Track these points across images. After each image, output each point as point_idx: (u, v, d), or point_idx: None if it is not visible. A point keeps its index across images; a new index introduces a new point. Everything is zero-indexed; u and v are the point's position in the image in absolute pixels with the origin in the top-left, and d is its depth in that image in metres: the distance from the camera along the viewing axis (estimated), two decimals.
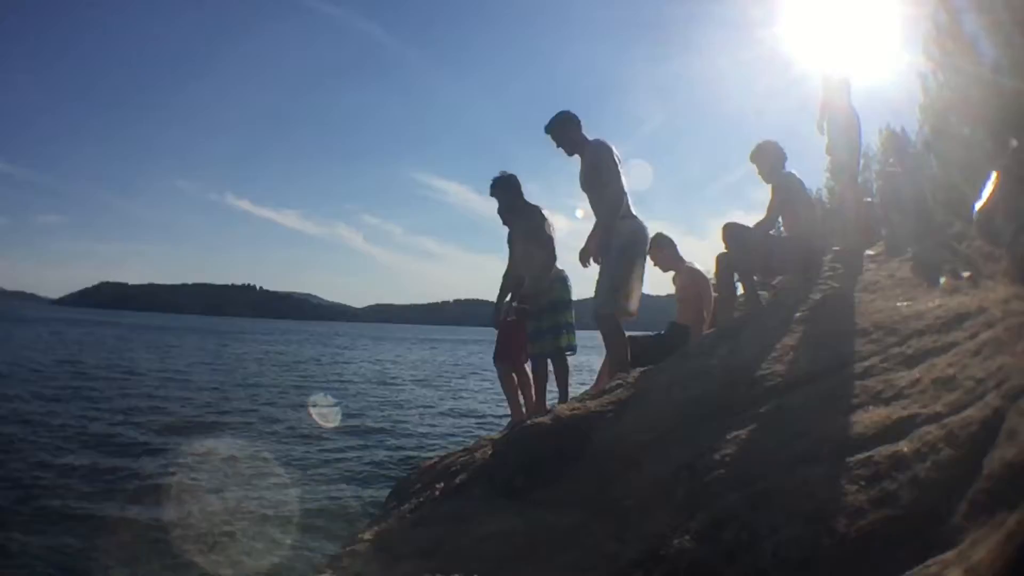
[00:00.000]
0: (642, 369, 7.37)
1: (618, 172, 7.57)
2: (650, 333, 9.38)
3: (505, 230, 9.22)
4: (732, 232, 8.05)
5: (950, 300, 4.39)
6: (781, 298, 7.76)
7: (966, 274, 4.63)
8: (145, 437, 28.16)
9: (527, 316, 8.80)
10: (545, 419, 6.68)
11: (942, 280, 4.94)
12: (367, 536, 7.42)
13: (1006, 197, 3.75)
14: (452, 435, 35.60)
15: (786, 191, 8.07)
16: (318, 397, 45.21)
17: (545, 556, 4.69)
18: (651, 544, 3.65)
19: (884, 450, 2.86)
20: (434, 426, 38.53)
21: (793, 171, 8.21)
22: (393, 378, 65.77)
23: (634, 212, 7.75)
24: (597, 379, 8.96)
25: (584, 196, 7.95)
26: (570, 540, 4.74)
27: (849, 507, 2.69)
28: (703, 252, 9.71)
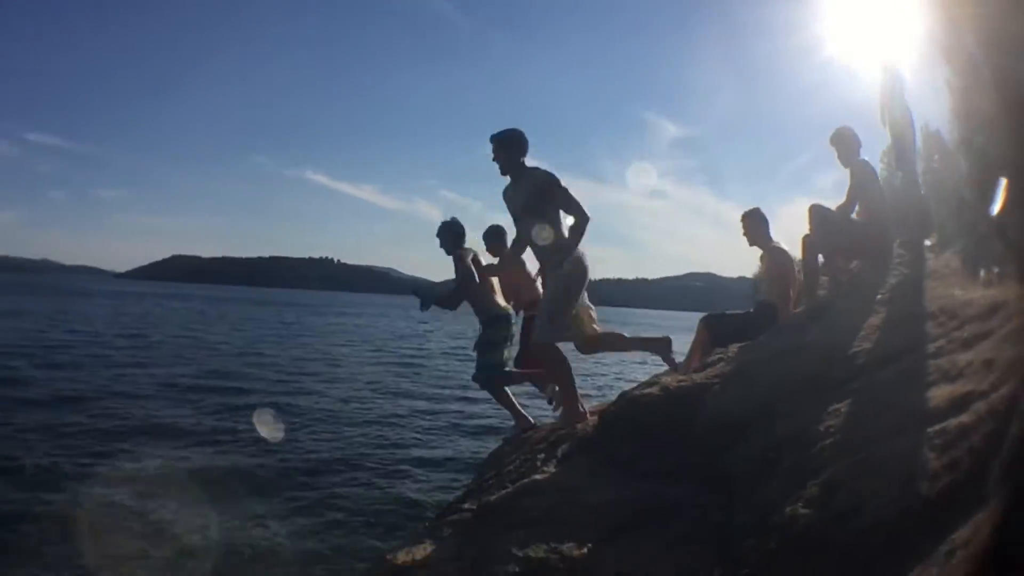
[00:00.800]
0: (740, 345, 7.58)
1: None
2: (739, 312, 9.65)
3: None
4: (817, 214, 8.31)
5: (988, 292, 4.66)
6: (860, 281, 8.03)
7: (996, 270, 4.83)
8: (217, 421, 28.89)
9: None
10: (653, 390, 6.80)
11: (982, 273, 5.15)
12: (468, 506, 7.77)
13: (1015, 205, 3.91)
14: (533, 407, 35.95)
15: (862, 176, 8.27)
16: (401, 372, 46.19)
17: (656, 526, 4.94)
18: (762, 513, 3.89)
19: (952, 422, 3.15)
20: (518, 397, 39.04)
21: (866, 158, 8.35)
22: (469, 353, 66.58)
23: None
24: (689, 357, 9.11)
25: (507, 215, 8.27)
26: (680, 511, 4.99)
27: (930, 472, 2.99)
28: (774, 236, 9.76)
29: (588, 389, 42.19)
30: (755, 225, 9.38)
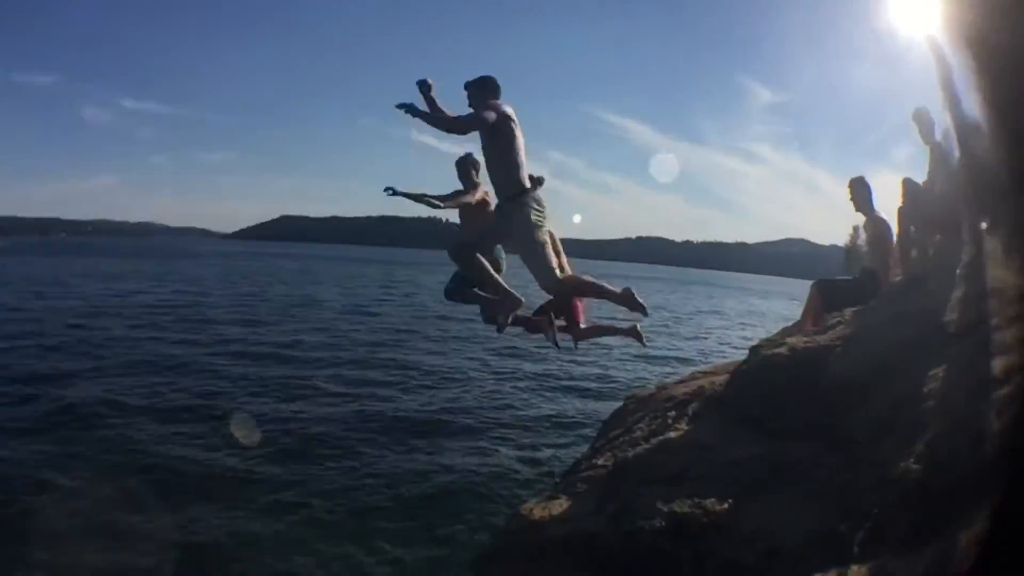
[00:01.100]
0: (854, 310, 8.07)
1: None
2: (847, 278, 9.89)
3: None
4: (909, 188, 8.63)
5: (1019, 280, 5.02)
6: (944, 255, 8.27)
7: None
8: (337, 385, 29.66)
9: None
10: (782, 350, 7.19)
11: (1018, 259, 5.57)
12: (601, 462, 8.32)
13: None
14: (638, 371, 36.42)
15: (940, 156, 8.49)
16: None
17: (786, 484, 5.43)
18: (880, 471, 4.38)
19: (1003, 392, 3.63)
20: (626, 359, 39.23)
21: (940, 140, 8.59)
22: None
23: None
24: (803, 319, 9.69)
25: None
26: (807, 469, 5.48)
27: (997, 430, 3.49)
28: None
29: (691, 352, 42.38)
30: (861, 192, 9.40)
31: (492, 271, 7.65)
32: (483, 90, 7.07)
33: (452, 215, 8.26)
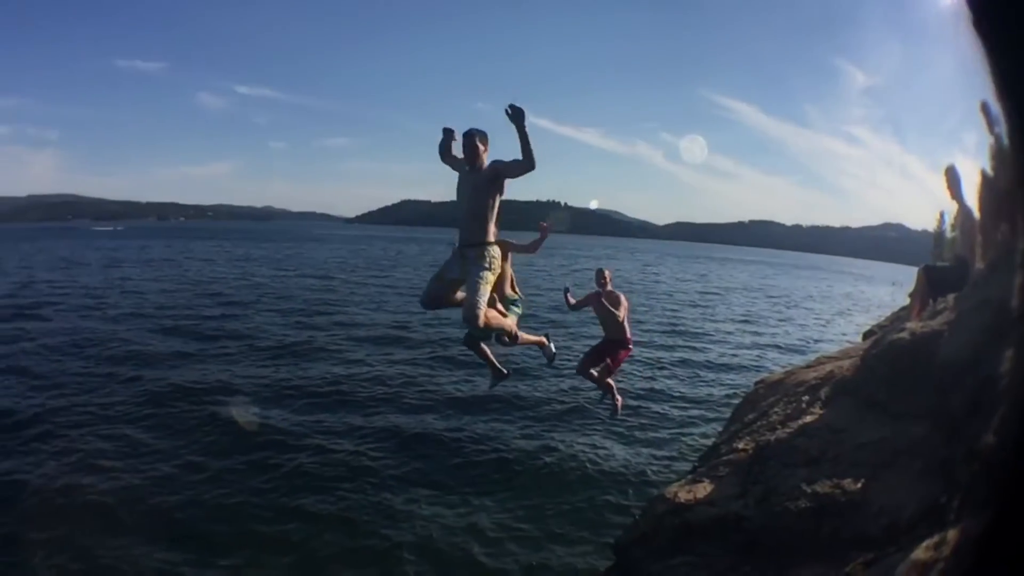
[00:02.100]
0: (955, 295, 8.53)
1: None
2: (946, 264, 10.43)
3: None
4: (986, 178, 9.23)
5: None
6: (1012, 245, 8.81)
7: None
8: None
9: None
10: (904, 335, 7.69)
11: None
12: (741, 445, 8.86)
13: None
14: (759, 358, 36.75)
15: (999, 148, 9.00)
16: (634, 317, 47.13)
17: (906, 463, 6.08)
18: (970, 444, 4.75)
19: None
20: (745, 345, 39.51)
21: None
22: (705, 294, 66.79)
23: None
24: (912, 304, 10.31)
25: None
26: (919, 448, 6.11)
27: None
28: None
29: (805, 338, 42.40)
30: (955, 181, 9.57)
31: (488, 352, 9.83)
32: (481, 142, 8.18)
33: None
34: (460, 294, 8.47)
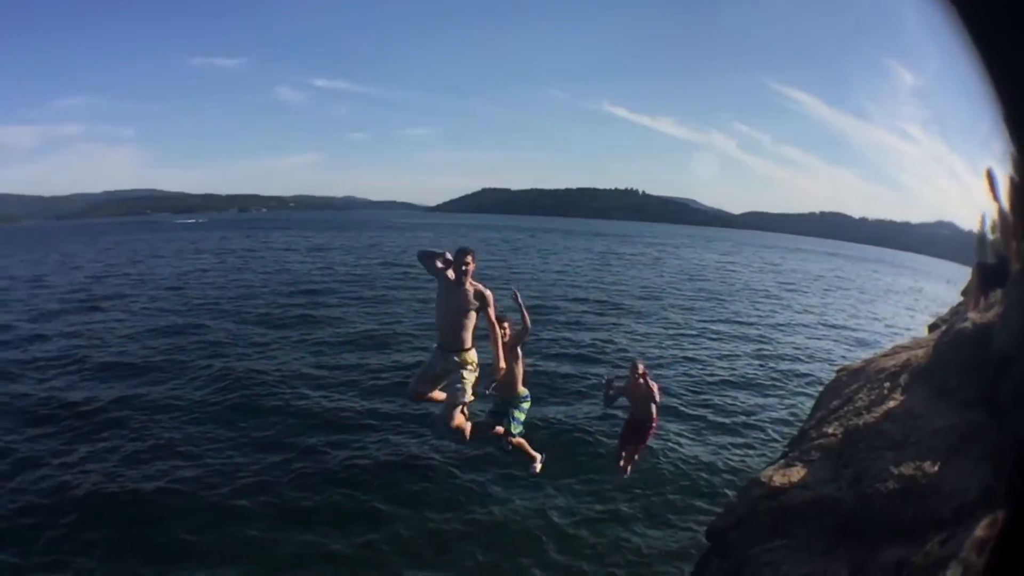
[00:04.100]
0: (1002, 290, 8.84)
1: None
2: (994, 262, 10.73)
3: None
4: (1014, 183, 9.37)
5: None
6: None
7: None
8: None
9: None
10: (967, 324, 8.03)
11: None
12: (830, 430, 9.20)
13: None
14: (834, 348, 36.66)
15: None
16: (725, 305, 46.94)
17: (968, 449, 6.40)
18: (1013, 431, 5.47)
19: None
20: (818, 336, 39.38)
21: None
22: (780, 284, 66.38)
23: None
24: (968, 299, 10.61)
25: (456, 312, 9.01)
26: (980, 434, 6.44)
27: None
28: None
29: (863, 332, 42.46)
30: (994, 183, 9.98)
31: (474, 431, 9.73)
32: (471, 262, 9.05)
33: None
34: (439, 394, 9.31)
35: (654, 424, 12.51)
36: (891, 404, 8.50)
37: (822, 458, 8.60)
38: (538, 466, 10.50)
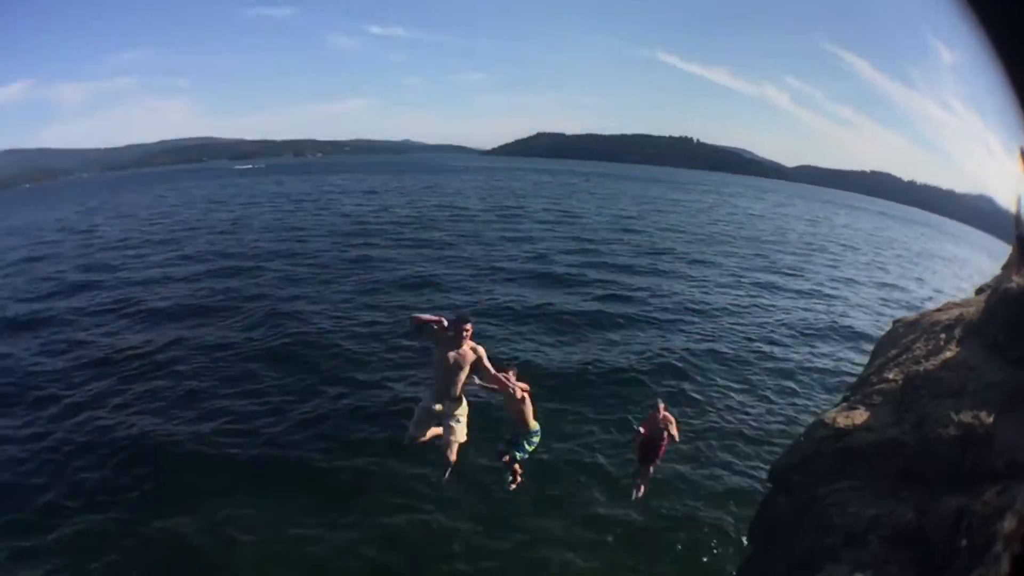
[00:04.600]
0: None
1: None
2: None
3: None
4: None
5: None
6: None
7: None
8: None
9: None
10: (1012, 285, 8.26)
11: None
12: (890, 376, 9.48)
13: None
14: (881, 307, 36.63)
15: None
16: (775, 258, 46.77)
17: (1018, 406, 6.75)
18: None
19: None
20: (869, 289, 39.32)
21: None
22: (833, 241, 65.77)
23: None
24: (1009, 266, 11.22)
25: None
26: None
27: None
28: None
29: (912, 290, 43.24)
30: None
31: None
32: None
33: None
34: (433, 431, 10.26)
35: (665, 444, 13.76)
36: (948, 354, 8.69)
37: (884, 403, 8.84)
38: (513, 486, 11.39)
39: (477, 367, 9.86)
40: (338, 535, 14.17)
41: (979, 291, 13.91)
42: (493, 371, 9.85)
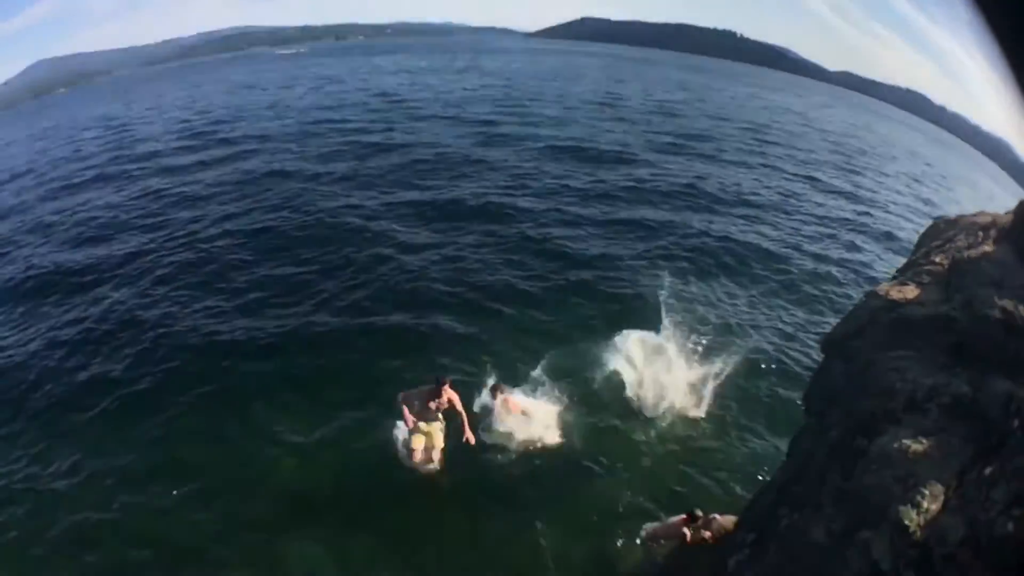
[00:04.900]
0: None
1: None
2: None
3: None
4: None
5: None
6: None
7: None
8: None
9: None
10: None
11: None
12: (937, 259, 9.85)
13: None
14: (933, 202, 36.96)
15: None
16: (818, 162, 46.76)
17: None
18: None
19: None
20: (915, 206, 39.59)
21: None
22: (875, 147, 65.14)
23: None
24: None
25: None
26: None
27: None
28: None
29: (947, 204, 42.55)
30: None
31: None
32: None
33: None
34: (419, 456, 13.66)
35: None
36: (987, 249, 9.08)
37: (933, 282, 9.24)
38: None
39: (452, 408, 13.40)
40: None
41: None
42: (461, 410, 13.40)
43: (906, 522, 5.95)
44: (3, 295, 22.48)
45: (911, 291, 9.14)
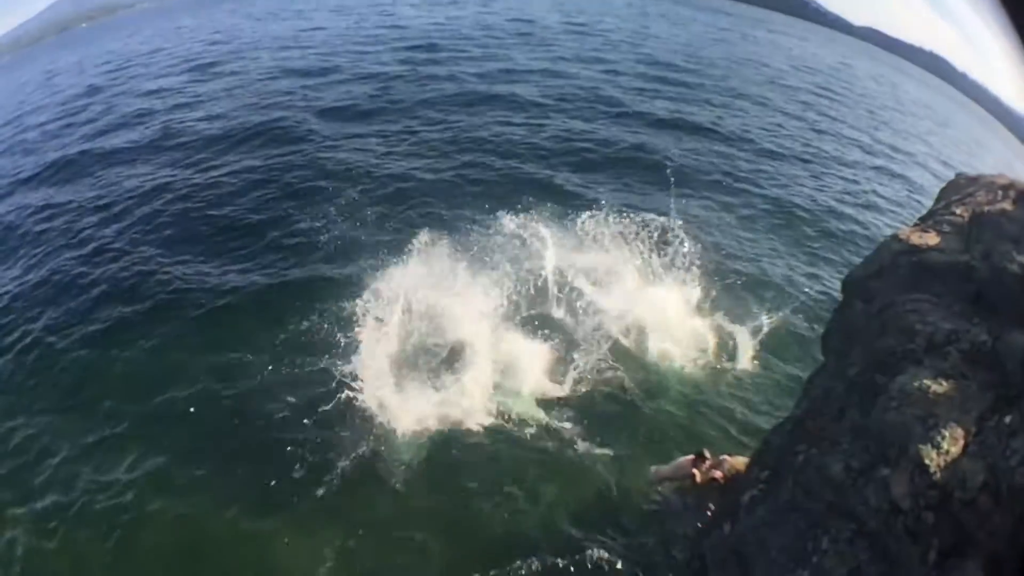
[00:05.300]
0: None
1: None
2: None
3: None
4: None
5: None
6: None
7: None
8: None
9: None
10: None
11: None
12: (958, 211, 10.08)
13: None
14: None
15: None
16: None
17: None
18: None
19: None
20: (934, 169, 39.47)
21: None
22: (903, 106, 64.27)
23: None
24: None
25: None
26: None
27: None
28: None
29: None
30: None
31: None
32: None
33: None
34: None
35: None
36: (1007, 207, 9.30)
37: (953, 232, 9.38)
38: None
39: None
40: None
41: None
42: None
43: (927, 461, 6.24)
44: None
45: (932, 238, 9.30)
